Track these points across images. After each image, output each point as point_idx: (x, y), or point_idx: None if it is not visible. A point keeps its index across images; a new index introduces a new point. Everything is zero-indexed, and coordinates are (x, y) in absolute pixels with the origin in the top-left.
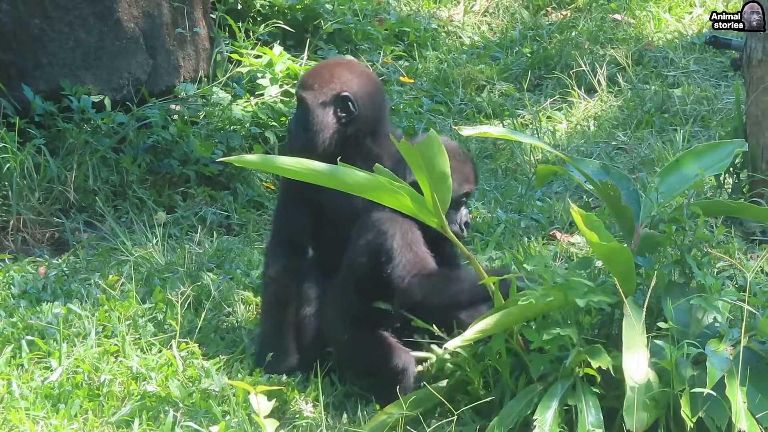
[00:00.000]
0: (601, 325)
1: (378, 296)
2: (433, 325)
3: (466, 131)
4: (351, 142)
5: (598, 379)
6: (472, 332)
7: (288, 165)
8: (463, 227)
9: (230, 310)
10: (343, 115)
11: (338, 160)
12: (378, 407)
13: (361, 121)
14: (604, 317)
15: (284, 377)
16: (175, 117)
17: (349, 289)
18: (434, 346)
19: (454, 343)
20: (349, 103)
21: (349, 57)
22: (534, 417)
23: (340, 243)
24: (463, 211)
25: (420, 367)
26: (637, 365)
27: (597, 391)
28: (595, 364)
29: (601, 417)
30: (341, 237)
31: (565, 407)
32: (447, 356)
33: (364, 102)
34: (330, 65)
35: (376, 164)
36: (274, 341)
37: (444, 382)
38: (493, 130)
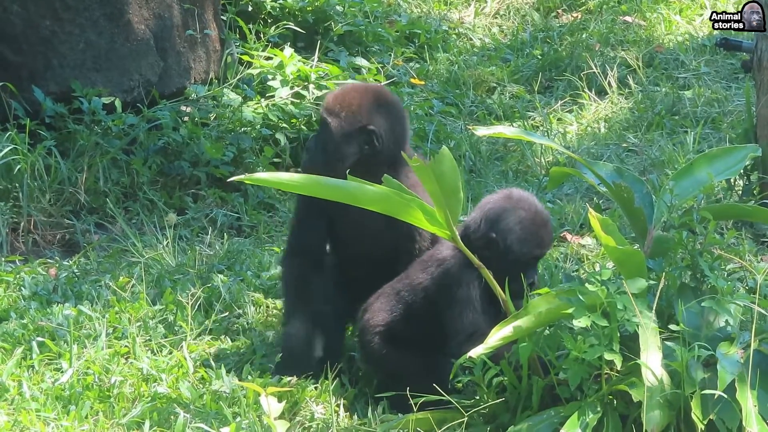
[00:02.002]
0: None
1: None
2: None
3: (481, 131)
4: (370, 170)
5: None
6: (494, 339)
7: (298, 182)
8: (528, 288)
9: (241, 311)
10: (366, 147)
11: (347, 172)
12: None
13: (384, 153)
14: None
15: (295, 379)
16: (186, 119)
17: (397, 313)
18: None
19: (477, 351)
20: (374, 136)
21: (376, 84)
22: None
23: (361, 255)
24: (532, 272)
25: None
26: (654, 366)
27: (621, 406)
28: (635, 396)
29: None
30: (361, 249)
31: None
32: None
33: (388, 136)
34: (359, 92)
35: (385, 175)
36: (298, 342)
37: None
38: (508, 130)
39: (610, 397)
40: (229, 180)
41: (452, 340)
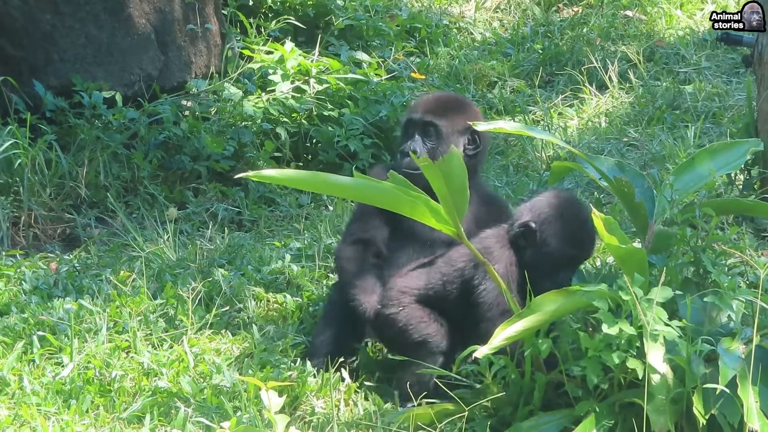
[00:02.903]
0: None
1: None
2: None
3: (481, 126)
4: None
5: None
6: (499, 339)
7: (306, 179)
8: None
9: (241, 306)
10: (470, 147)
11: (353, 169)
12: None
13: (478, 158)
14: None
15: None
16: (187, 113)
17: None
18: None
19: (483, 351)
20: (476, 136)
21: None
22: None
23: (412, 254)
24: (565, 274)
25: None
26: (658, 365)
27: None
28: (653, 419)
29: None
30: (413, 249)
31: None
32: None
33: (485, 138)
34: (459, 99)
35: (391, 171)
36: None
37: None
38: (508, 125)
39: (622, 400)
40: (236, 177)
41: (485, 314)
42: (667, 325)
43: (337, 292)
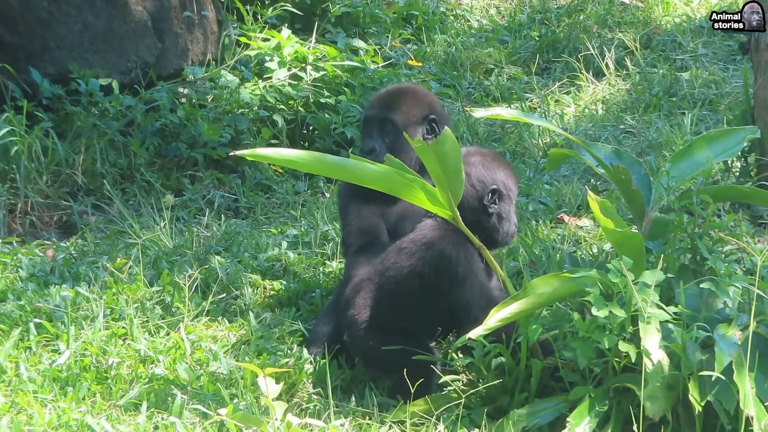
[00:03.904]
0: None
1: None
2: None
3: (478, 113)
4: None
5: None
6: (494, 321)
7: (300, 158)
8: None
9: (238, 293)
10: (429, 136)
11: (350, 152)
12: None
13: None
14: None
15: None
16: (183, 100)
17: (383, 306)
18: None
19: (477, 332)
20: (435, 124)
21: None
22: (567, 420)
23: None
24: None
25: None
26: (654, 350)
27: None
28: (647, 406)
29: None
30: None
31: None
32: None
33: (444, 124)
34: (412, 89)
35: (387, 155)
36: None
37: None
38: (505, 112)
39: (616, 385)
40: (231, 154)
41: (466, 317)
42: (660, 307)
43: (341, 286)
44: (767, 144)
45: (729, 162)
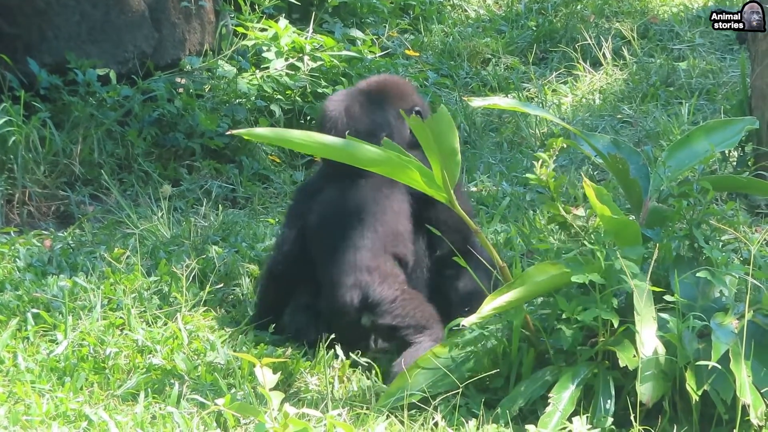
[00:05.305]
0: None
1: None
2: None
3: (476, 103)
4: None
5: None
6: (488, 309)
7: (299, 139)
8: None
9: (236, 283)
10: None
11: (346, 134)
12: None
13: None
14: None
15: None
16: (181, 90)
17: None
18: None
19: (470, 320)
20: (419, 116)
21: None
22: (549, 395)
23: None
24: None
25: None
26: (649, 338)
27: (616, 375)
28: (621, 360)
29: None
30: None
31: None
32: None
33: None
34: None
35: (385, 138)
36: None
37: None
38: (503, 101)
39: (606, 362)
40: (227, 132)
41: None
42: (634, 275)
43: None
44: (764, 134)
45: (726, 152)
